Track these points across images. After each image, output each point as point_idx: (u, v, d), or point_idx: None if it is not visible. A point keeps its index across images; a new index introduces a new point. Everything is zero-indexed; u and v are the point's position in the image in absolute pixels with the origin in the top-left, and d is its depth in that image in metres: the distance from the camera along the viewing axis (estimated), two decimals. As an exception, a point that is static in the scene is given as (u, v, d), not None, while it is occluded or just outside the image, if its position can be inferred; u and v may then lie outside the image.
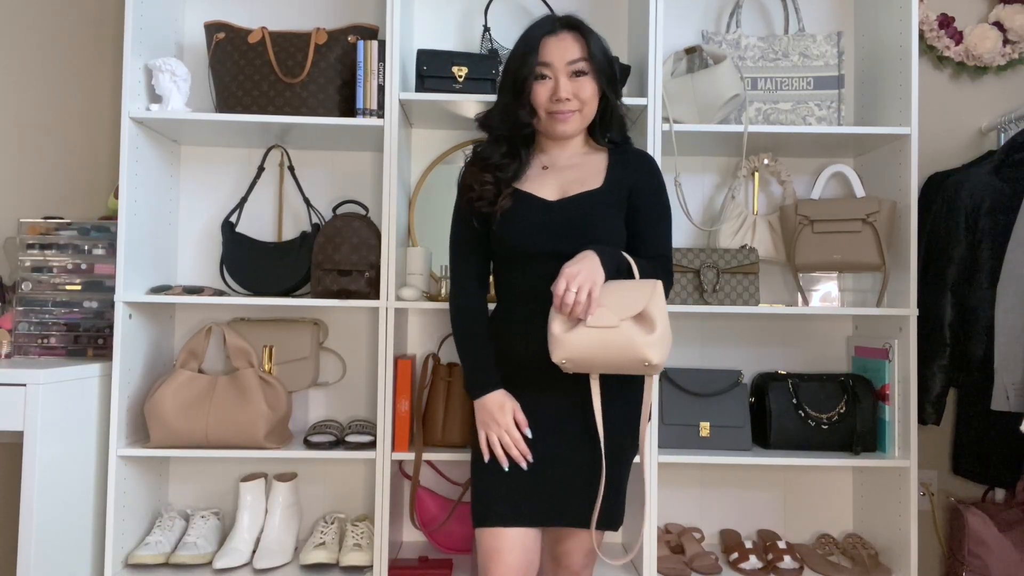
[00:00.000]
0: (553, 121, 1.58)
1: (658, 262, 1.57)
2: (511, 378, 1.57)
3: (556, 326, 1.43)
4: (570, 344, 1.41)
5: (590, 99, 1.58)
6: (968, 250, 2.06)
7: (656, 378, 1.59)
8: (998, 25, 2.36)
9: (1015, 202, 1.94)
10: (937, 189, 2.19)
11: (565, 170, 1.63)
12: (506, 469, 1.53)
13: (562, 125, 1.58)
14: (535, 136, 1.66)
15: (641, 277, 1.50)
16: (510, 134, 1.61)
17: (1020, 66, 2.39)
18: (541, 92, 1.56)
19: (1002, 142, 2.27)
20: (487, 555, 1.53)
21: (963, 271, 2.06)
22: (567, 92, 1.55)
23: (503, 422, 1.53)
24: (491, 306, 1.74)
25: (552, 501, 1.53)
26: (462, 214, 1.65)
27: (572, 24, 1.58)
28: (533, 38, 1.56)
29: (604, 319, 1.40)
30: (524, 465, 1.52)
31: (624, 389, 1.56)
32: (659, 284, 1.45)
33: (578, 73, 1.56)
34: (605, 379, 1.51)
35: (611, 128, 1.67)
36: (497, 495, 1.54)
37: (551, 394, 1.54)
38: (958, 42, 2.36)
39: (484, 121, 1.64)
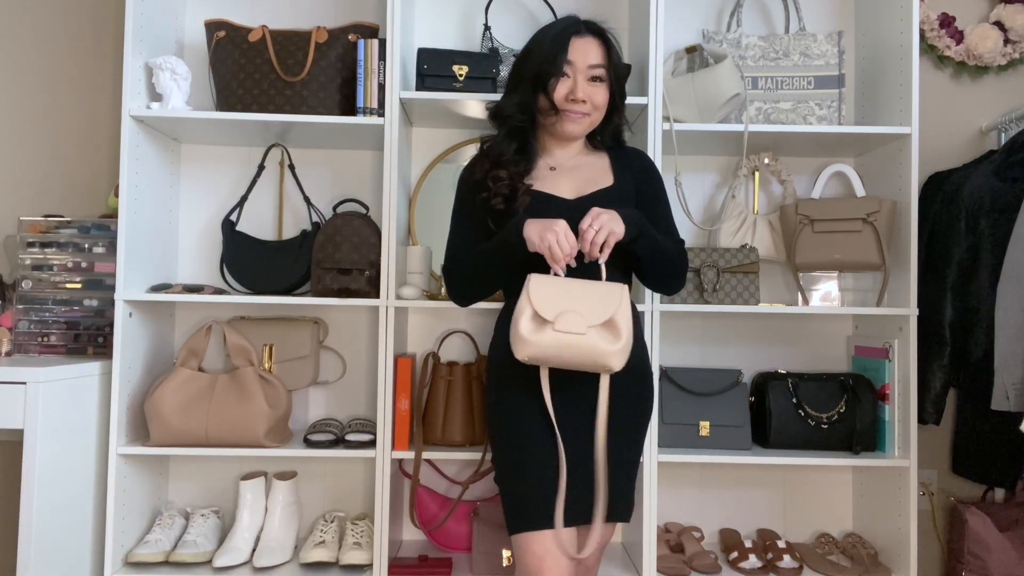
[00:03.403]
0: (564, 120, 1.58)
1: (677, 246, 1.64)
2: (532, 380, 1.53)
3: (523, 325, 1.43)
4: (535, 345, 1.42)
5: (601, 106, 1.60)
6: (968, 250, 2.06)
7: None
8: (999, 25, 2.35)
9: (1015, 202, 1.94)
10: (937, 189, 2.19)
11: (572, 170, 1.63)
12: (562, 275, 1.46)
13: (572, 125, 1.59)
14: (538, 136, 1.66)
15: (663, 254, 1.54)
16: (525, 126, 1.60)
17: (1021, 66, 2.39)
18: (559, 89, 1.56)
19: (1002, 142, 2.27)
20: (537, 560, 1.47)
21: (963, 271, 2.06)
22: (584, 94, 1.56)
23: (557, 227, 1.45)
24: (498, 305, 1.75)
25: (586, 498, 1.50)
26: (471, 212, 1.62)
27: (597, 29, 1.59)
28: (562, 36, 1.56)
29: (572, 325, 1.41)
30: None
31: (643, 386, 1.62)
32: (626, 290, 1.48)
33: (596, 79, 1.57)
34: (621, 378, 1.49)
35: (607, 135, 1.68)
36: (538, 498, 1.48)
37: (573, 393, 1.52)
38: (959, 42, 2.36)
39: (496, 113, 1.63)
